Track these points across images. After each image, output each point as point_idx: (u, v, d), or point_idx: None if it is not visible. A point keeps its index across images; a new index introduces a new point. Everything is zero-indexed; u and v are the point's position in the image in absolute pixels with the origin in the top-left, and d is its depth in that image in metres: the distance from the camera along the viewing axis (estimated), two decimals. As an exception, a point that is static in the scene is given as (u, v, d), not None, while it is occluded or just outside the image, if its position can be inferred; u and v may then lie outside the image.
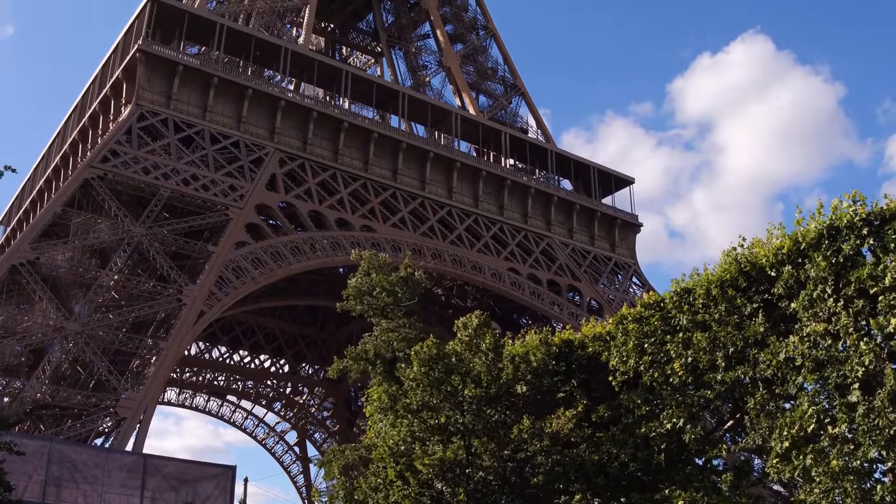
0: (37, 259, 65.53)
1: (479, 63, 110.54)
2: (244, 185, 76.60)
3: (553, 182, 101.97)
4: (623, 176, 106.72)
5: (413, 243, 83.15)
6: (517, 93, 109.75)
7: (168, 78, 78.30)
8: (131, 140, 73.46)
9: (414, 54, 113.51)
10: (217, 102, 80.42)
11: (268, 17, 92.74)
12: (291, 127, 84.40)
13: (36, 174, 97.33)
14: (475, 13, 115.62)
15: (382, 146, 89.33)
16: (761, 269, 23.51)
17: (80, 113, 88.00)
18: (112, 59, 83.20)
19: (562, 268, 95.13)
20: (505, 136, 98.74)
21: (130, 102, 76.18)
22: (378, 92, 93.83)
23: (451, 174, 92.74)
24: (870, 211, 20.79)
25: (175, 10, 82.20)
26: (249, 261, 72.71)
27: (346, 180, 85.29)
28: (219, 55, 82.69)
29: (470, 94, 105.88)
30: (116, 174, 70.50)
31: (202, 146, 77.41)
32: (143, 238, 68.81)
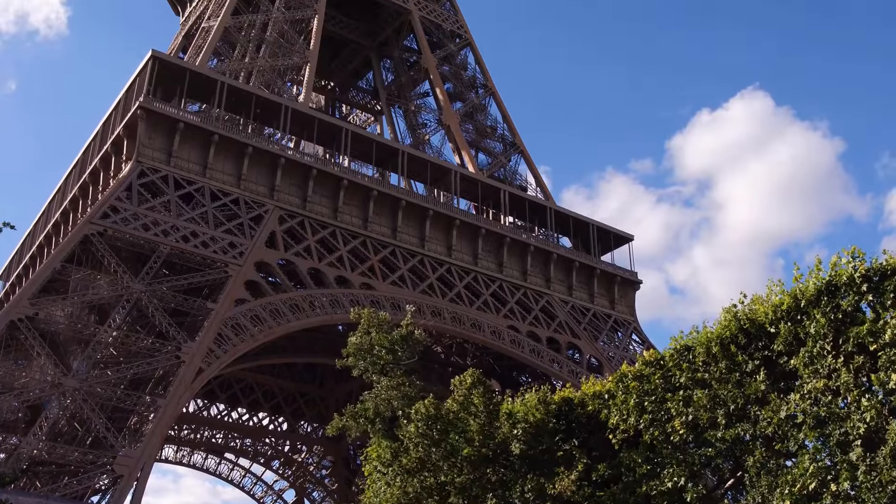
0: (35, 315, 65.41)
1: (478, 121, 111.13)
2: (244, 243, 76.68)
3: (552, 239, 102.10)
4: (622, 233, 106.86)
5: (413, 301, 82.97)
6: (516, 151, 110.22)
7: (169, 135, 78.68)
8: (131, 197, 73.64)
9: (413, 112, 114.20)
10: (217, 160, 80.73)
11: (268, 76, 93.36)
12: (291, 184, 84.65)
13: (36, 229, 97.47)
14: (474, 72, 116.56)
15: (382, 204, 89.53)
16: (761, 326, 23.44)
17: (80, 169, 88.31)
18: (113, 115, 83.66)
19: (561, 325, 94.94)
20: (504, 193, 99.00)
21: (131, 159, 76.46)
22: (378, 150, 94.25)
23: (450, 232, 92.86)
24: (868, 267, 20.77)
25: (176, 68, 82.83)
26: (248, 318, 72.57)
27: (346, 238, 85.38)
28: (219, 113, 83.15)
29: (469, 152, 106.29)
30: (116, 230, 70.60)
31: (202, 203, 77.57)
32: (143, 295, 68.74)
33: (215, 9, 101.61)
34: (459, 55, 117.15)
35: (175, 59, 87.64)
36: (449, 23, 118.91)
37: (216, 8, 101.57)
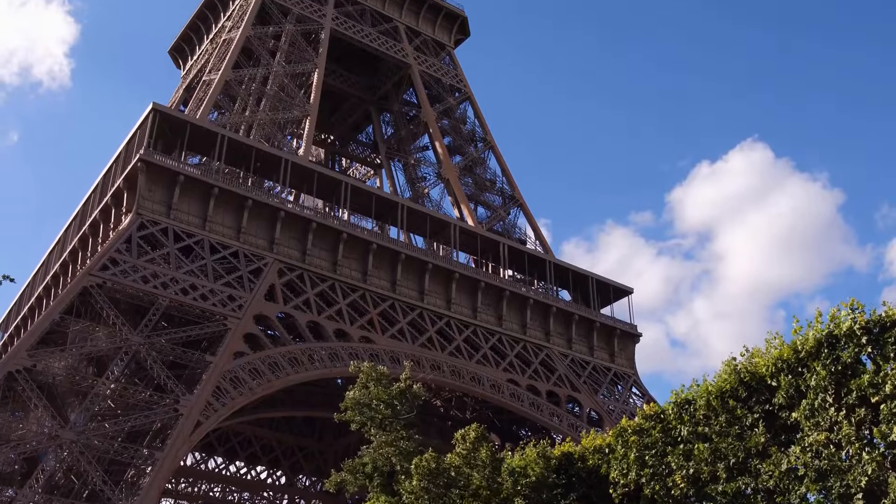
0: (33, 366, 65.19)
1: (477, 175, 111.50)
2: (243, 296, 76.62)
3: (552, 292, 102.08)
4: (621, 286, 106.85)
5: (412, 354, 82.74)
6: (515, 204, 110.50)
7: (169, 187, 78.89)
8: (131, 249, 73.69)
9: (413, 166, 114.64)
10: (217, 212, 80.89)
11: (269, 129, 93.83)
12: (291, 237, 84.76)
13: (35, 280, 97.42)
14: (473, 126, 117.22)
15: (381, 257, 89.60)
16: (761, 379, 23.36)
17: (80, 221, 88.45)
18: (114, 168, 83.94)
19: (561, 378, 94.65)
20: (503, 247, 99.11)
21: (131, 211, 76.61)
22: (377, 203, 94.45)
23: (449, 285, 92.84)
24: (868, 319, 20.75)
25: (177, 121, 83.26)
26: (247, 371, 72.34)
27: (345, 291, 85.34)
28: (219, 165, 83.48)
29: (468, 205, 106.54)
30: (115, 283, 70.58)
31: (202, 256, 77.62)
32: (141, 347, 68.55)
33: (216, 62, 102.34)
34: (459, 109, 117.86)
35: (176, 111, 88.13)
36: (448, 77, 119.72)
37: (217, 61, 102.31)
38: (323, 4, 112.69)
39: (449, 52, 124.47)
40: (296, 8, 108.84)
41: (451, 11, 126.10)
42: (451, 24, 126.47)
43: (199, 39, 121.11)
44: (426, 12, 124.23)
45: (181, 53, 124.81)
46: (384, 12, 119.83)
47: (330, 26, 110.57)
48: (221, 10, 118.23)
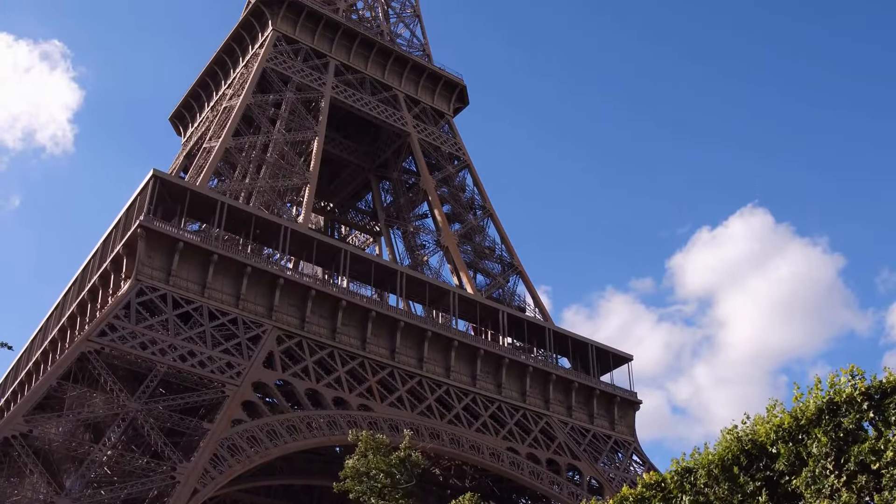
0: (30, 432, 64.74)
1: (476, 242, 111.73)
2: (241, 363, 76.37)
3: (551, 360, 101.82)
4: (621, 353, 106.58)
5: (411, 423, 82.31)
6: (514, 271, 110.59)
7: (168, 254, 78.97)
8: (129, 315, 73.57)
9: (412, 234, 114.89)
10: (216, 279, 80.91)
11: (268, 196, 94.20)
12: (290, 305, 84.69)
13: (33, 346, 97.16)
14: (472, 193, 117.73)
15: (380, 325, 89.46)
16: (762, 447, 23.23)
17: (79, 286, 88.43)
18: (113, 233, 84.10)
19: (561, 446, 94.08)
20: (502, 314, 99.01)
21: (130, 277, 76.64)
22: (376, 271, 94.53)
23: (448, 353, 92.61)
24: (869, 385, 20.69)
25: (177, 188, 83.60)
26: (245, 439, 71.88)
27: (344, 359, 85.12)
28: (219, 232, 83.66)
29: (468, 273, 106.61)
30: (114, 349, 70.38)
31: (200, 323, 77.49)
32: (138, 414, 68.15)
33: (217, 130, 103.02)
34: (458, 177, 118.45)
35: (176, 178, 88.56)
36: (447, 145, 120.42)
37: (218, 129, 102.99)
38: (323, 73, 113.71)
39: (448, 121, 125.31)
40: (296, 76, 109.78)
41: (451, 80, 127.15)
42: (450, 92, 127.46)
43: (200, 107, 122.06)
44: (426, 81, 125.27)
45: (182, 120, 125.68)
46: (384, 81, 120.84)
47: (330, 94, 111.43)
48: (222, 78, 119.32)
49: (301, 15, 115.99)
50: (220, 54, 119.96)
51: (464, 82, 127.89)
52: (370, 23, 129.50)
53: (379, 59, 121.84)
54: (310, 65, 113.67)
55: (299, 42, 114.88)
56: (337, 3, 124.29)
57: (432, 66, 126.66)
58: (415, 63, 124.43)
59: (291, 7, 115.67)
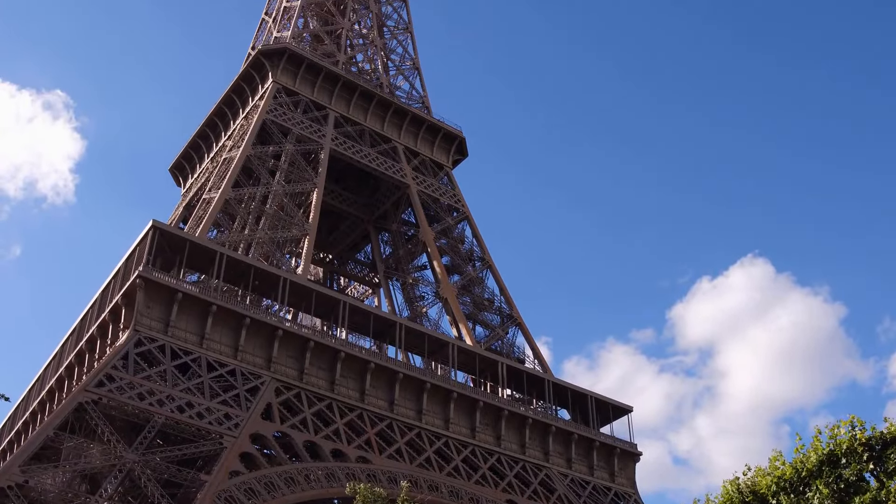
0: (25, 482, 64.28)
1: (475, 294, 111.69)
2: (239, 414, 76.03)
3: (551, 411, 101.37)
4: (621, 405, 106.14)
5: (410, 475, 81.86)
6: (514, 323, 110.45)
7: (167, 304, 78.88)
8: (128, 366, 73.35)
9: (411, 285, 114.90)
10: (215, 330, 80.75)
11: (267, 247, 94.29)
12: (288, 356, 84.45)
13: (30, 395, 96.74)
14: (472, 245, 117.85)
15: (379, 376, 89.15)
16: (763, 498, 23.14)
17: (77, 336, 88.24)
18: (112, 284, 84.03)
19: (560, 498, 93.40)
20: (501, 366, 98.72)
21: (129, 327, 76.48)
22: (375, 322, 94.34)
23: (447, 405, 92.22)
24: (869, 436, 20.62)
25: (176, 239, 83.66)
26: (243, 491, 71.37)
27: (343, 411, 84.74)
28: (218, 283, 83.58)
29: (467, 324, 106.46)
30: (111, 399, 70.07)
31: (198, 374, 77.24)
32: (136, 465, 67.75)
33: (216, 181, 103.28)
34: (457, 229, 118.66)
35: (175, 229, 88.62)
36: (446, 197, 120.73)
37: (217, 180, 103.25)
38: (323, 125, 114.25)
39: (447, 172, 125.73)
40: (296, 128, 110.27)
41: (450, 133, 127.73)
42: (449, 144, 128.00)
43: (200, 158, 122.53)
44: (425, 133, 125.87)
45: (182, 171, 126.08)
46: (383, 133, 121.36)
47: (329, 146, 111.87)
48: (222, 130, 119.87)
49: (301, 67, 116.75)
50: (220, 106, 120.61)
51: (463, 134, 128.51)
52: (370, 75, 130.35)
53: (378, 112, 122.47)
54: (309, 116, 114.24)
55: (299, 94, 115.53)
56: (337, 55, 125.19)
57: (431, 118, 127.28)
58: (414, 115, 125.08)
59: (291, 59, 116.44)
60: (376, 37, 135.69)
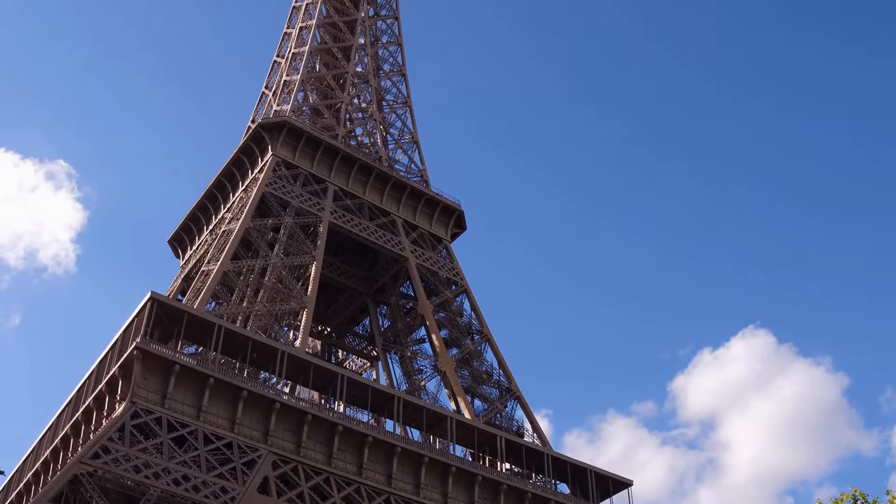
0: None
1: (474, 367, 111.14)
2: (236, 488, 75.09)
3: (550, 486, 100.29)
4: (621, 479, 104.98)
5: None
6: (512, 396, 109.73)
7: (164, 377, 78.30)
8: (124, 438, 72.56)
9: (409, 358, 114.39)
10: (212, 402, 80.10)
11: (265, 320, 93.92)
12: (285, 429, 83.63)
13: (24, 466, 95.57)
14: (470, 318, 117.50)
15: (377, 450, 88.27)
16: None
17: (73, 407, 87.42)
18: (109, 355, 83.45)
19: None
20: (500, 440, 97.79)
21: (125, 399, 75.81)
22: (373, 396, 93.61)
23: (446, 479, 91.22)
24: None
25: (174, 311, 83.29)
26: (238, 566, 70.33)
27: (340, 485, 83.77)
28: (216, 356, 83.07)
29: (465, 398, 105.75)
30: (107, 471, 69.25)
31: (195, 446, 76.40)
32: (130, 540, 66.84)
33: (215, 253, 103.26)
34: (455, 302, 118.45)
35: (173, 301, 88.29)
36: (445, 270, 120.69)
37: (216, 252, 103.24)
38: (322, 198, 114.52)
39: (446, 246, 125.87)
40: (295, 201, 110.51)
41: (448, 206, 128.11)
42: (447, 218, 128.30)
43: (199, 230, 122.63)
44: (423, 206, 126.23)
45: (181, 243, 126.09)
46: (382, 206, 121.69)
47: (328, 219, 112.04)
48: (222, 202, 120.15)
49: (300, 141, 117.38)
50: (219, 178, 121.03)
51: (461, 208, 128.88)
52: (369, 148, 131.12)
53: (377, 185, 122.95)
54: (309, 189, 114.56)
55: (298, 167, 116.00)
56: (336, 129, 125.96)
57: (430, 191, 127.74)
58: (413, 189, 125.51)
59: (291, 133, 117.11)
60: (375, 111, 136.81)
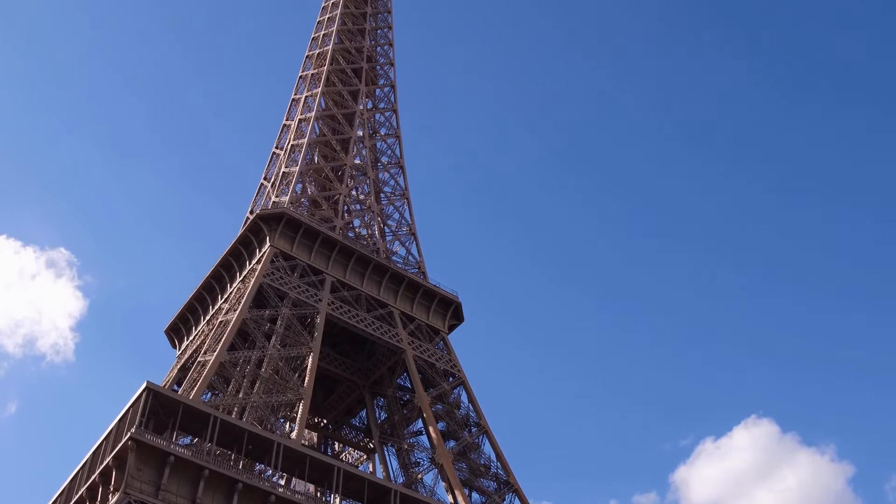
0: None
1: (472, 460, 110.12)
2: (229, 582, 73.94)
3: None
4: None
5: None
6: (511, 489, 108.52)
7: (159, 467, 77.30)
8: (117, 531, 71.59)
9: (406, 451, 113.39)
10: (206, 494, 78.94)
11: (262, 412, 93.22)
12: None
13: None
14: (468, 410, 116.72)
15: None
16: None
17: (66, 498, 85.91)
18: (104, 445, 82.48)
19: None
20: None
21: (119, 490, 74.68)
22: (370, 489, 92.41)
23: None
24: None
25: (170, 401, 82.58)
26: None
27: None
28: (211, 447, 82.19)
29: (462, 491, 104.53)
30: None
31: (189, 539, 75.37)
32: None
33: (212, 343, 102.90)
34: (453, 394, 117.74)
35: (169, 391, 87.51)
36: (442, 362, 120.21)
37: (213, 343, 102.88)
38: (319, 289, 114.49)
39: (443, 337, 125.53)
40: (292, 292, 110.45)
41: (446, 298, 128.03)
42: (445, 309, 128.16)
43: (196, 320, 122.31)
44: (421, 298, 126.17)
45: (177, 333, 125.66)
46: (379, 298, 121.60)
47: (326, 311, 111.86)
48: (219, 293, 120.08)
49: (299, 232, 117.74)
50: (217, 269, 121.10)
51: (459, 299, 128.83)
52: (367, 240, 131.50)
53: (375, 277, 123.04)
54: (306, 281, 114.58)
55: (296, 258, 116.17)
56: (334, 220, 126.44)
57: (427, 283, 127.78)
58: (410, 280, 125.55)
59: (289, 224, 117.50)
60: (373, 203, 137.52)
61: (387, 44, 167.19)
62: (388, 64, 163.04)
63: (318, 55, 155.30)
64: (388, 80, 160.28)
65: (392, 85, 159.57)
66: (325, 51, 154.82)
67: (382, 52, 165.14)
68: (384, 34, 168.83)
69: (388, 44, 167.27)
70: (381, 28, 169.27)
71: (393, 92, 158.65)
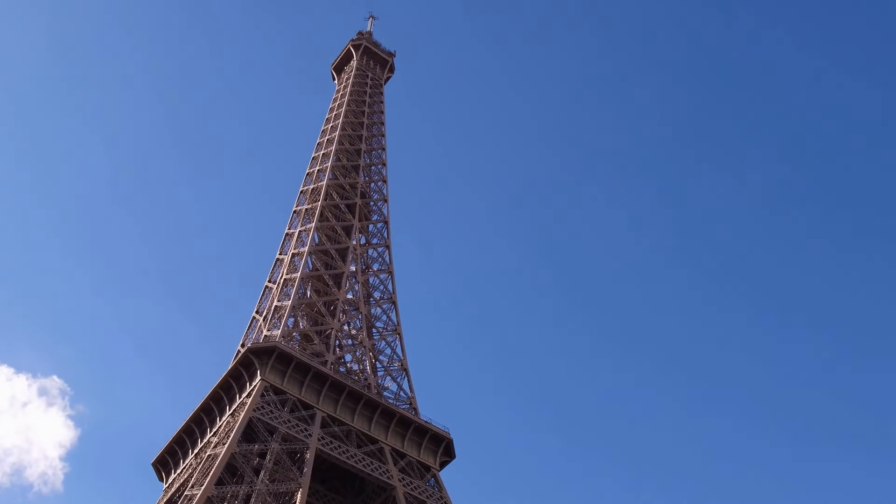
0: None
1: None
2: None
3: None
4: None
5: None
6: None
7: None
8: None
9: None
10: None
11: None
12: None
13: None
14: None
15: None
16: None
17: None
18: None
19: None
20: None
21: None
22: None
23: None
24: None
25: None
26: None
27: None
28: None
29: None
30: None
31: None
32: None
33: (199, 477, 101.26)
34: None
35: None
36: (433, 500, 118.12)
37: (200, 476, 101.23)
38: (309, 424, 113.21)
39: (434, 474, 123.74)
40: (282, 427, 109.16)
41: (437, 434, 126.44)
42: (436, 446, 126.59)
43: (185, 453, 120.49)
44: (412, 434, 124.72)
45: (165, 466, 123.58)
46: (370, 434, 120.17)
47: (315, 446, 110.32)
48: (208, 426, 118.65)
49: (290, 366, 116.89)
50: (207, 402, 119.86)
51: (450, 436, 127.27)
52: (358, 375, 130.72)
53: (366, 412, 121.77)
54: (296, 416, 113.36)
55: (287, 393, 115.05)
56: (326, 355, 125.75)
57: (419, 419, 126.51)
58: (401, 417, 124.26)
59: (280, 358, 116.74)
60: (365, 338, 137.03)
61: (380, 180, 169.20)
62: (382, 200, 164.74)
63: (312, 190, 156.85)
64: (382, 216, 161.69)
65: (385, 221, 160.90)
66: (320, 186, 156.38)
67: (376, 188, 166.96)
68: (378, 170, 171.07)
69: (382, 180, 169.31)
70: (374, 164, 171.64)
71: (386, 228, 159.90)
